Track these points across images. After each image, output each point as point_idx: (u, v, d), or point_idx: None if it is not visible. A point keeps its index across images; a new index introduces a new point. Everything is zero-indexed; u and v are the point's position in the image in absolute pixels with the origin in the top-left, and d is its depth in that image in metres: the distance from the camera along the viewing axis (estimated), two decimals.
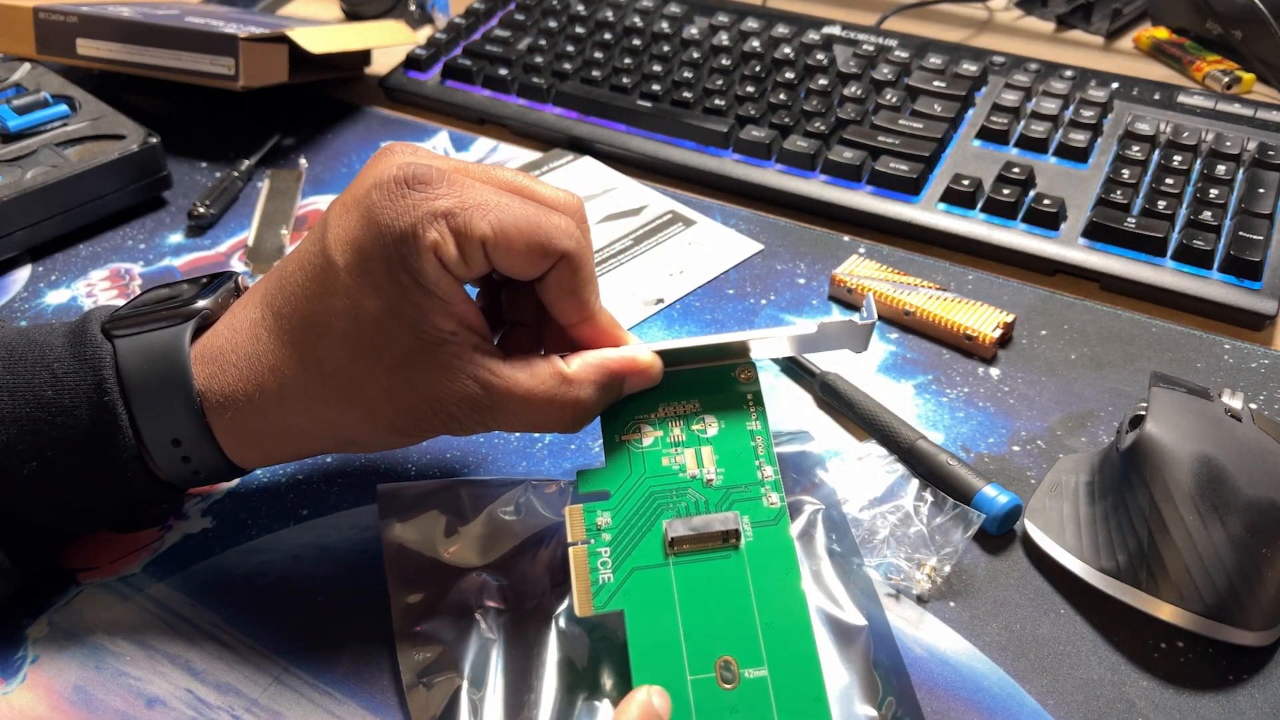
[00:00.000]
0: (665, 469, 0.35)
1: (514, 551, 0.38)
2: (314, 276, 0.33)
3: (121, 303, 0.51)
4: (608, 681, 0.34)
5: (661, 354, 0.36)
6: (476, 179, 0.34)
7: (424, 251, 0.32)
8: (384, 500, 0.39)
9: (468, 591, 0.37)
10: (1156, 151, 0.58)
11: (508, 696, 0.34)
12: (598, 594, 0.32)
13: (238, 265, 0.55)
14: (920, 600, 0.38)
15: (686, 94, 0.63)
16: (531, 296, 0.36)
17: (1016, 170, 0.56)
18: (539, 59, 0.67)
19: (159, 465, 0.35)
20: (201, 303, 0.36)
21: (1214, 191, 0.54)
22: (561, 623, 0.35)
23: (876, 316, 0.37)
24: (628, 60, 0.66)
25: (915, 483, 0.41)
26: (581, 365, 0.35)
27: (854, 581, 0.36)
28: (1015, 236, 0.54)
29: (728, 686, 0.31)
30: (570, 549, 0.33)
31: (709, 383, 0.37)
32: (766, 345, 0.37)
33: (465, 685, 0.34)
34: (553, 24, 0.70)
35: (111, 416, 0.34)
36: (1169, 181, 0.55)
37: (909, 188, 0.56)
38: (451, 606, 0.36)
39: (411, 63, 0.69)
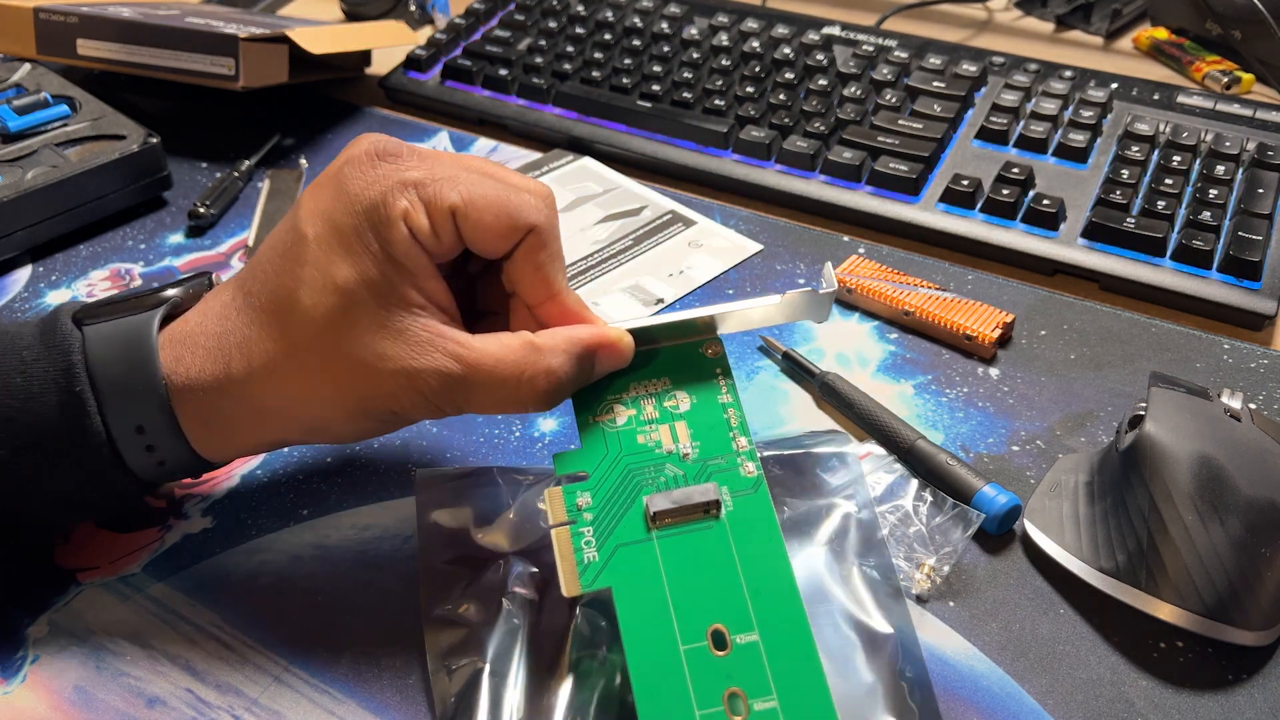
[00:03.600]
0: (641, 446, 0.35)
1: (545, 540, 0.38)
2: (284, 253, 0.34)
3: None
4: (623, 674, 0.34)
5: (629, 333, 0.36)
6: (446, 158, 0.34)
7: (394, 220, 0.32)
8: (421, 483, 0.40)
9: (497, 577, 0.37)
10: (1156, 152, 0.58)
11: (529, 683, 0.34)
12: (584, 572, 0.32)
13: (238, 265, 0.55)
14: (919, 600, 0.38)
15: (686, 94, 0.63)
16: (501, 285, 0.36)
17: (1016, 170, 0.56)
18: (539, 59, 0.67)
19: (124, 455, 0.35)
20: (171, 291, 0.36)
21: (1213, 192, 0.54)
22: (580, 615, 0.35)
23: (836, 284, 0.38)
24: (628, 60, 0.66)
25: (915, 483, 0.41)
26: (551, 336, 0.34)
27: (883, 590, 0.36)
28: (1015, 236, 0.54)
29: (721, 653, 0.31)
30: (553, 530, 0.33)
31: (677, 360, 0.37)
32: (731, 320, 0.38)
33: (487, 669, 0.34)
34: (553, 24, 0.70)
35: (79, 403, 0.33)
36: (1168, 182, 0.55)
37: (908, 188, 0.56)
38: (480, 591, 0.36)
39: (411, 63, 0.69)
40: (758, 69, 0.64)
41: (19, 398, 0.34)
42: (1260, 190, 0.54)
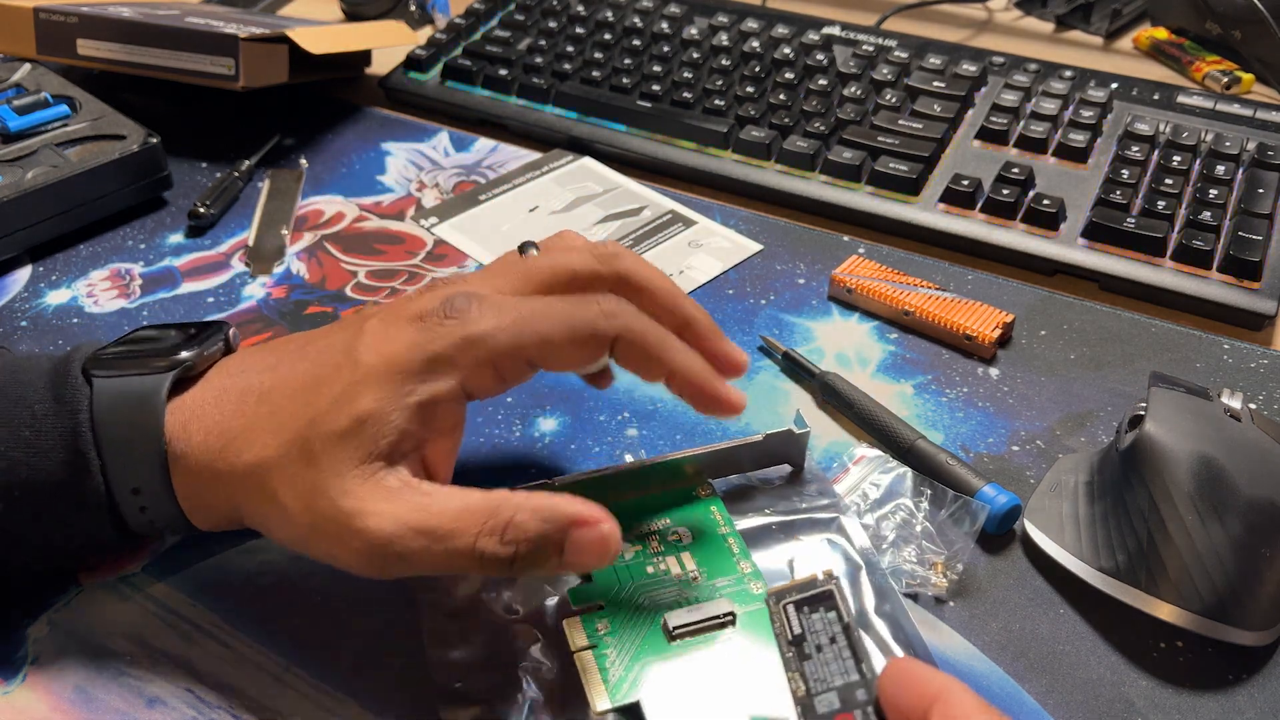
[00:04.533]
0: (651, 575, 0.37)
1: (557, 601, 0.37)
2: (330, 366, 0.34)
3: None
4: None
5: (620, 475, 0.38)
6: (512, 289, 0.35)
7: (446, 375, 0.33)
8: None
9: (510, 644, 0.36)
10: (1156, 152, 0.58)
11: None
12: (613, 689, 0.33)
13: (238, 265, 0.55)
14: (938, 601, 0.38)
15: (686, 94, 0.63)
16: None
17: (1016, 170, 0.56)
18: (539, 59, 0.67)
19: (122, 513, 0.35)
20: (185, 354, 0.36)
21: (1213, 192, 0.54)
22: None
23: (808, 427, 0.40)
24: (628, 60, 0.66)
25: (910, 478, 0.41)
26: (527, 496, 0.32)
27: (905, 631, 0.36)
28: (1015, 236, 0.54)
29: None
30: (576, 654, 0.34)
31: (673, 501, 0.39)
32: (714, 466, 0.40)
33: None
34: (553, 24, 0.70)
35: (84, 462, 0.33)
36: (1168, 182, 0.55)
37: (908, 188, 0.56)
38: (494, 661, 0.35)
39: (411, 63, 0.69)
40: (758, 69, 0.64)
41: (25, 451, 0.34)
42: (1260, 190, 0.54)
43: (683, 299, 0.37)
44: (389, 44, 0.69)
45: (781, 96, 0.62)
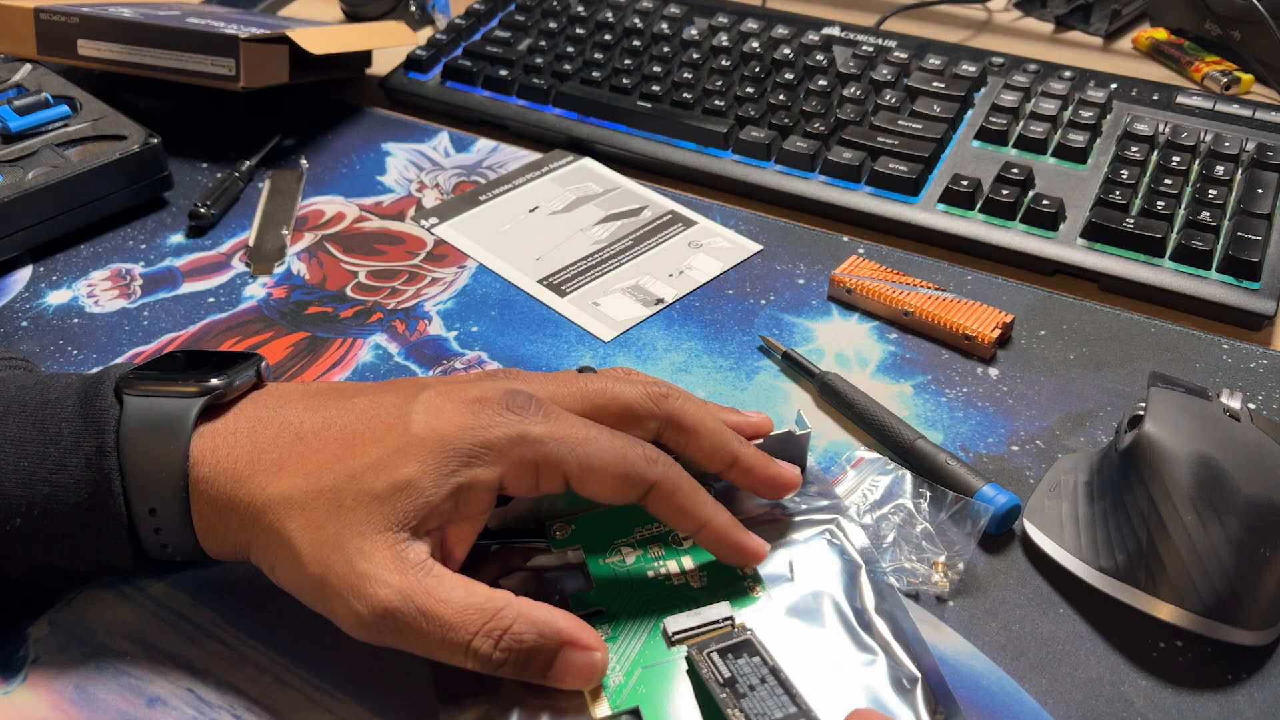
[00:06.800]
0: (652, 580, 0.37)
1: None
2: (381, 427, 0.34)
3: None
4: None
5: None
6: (568, 405, 0.35)
7: (491, 464, 0.33)
8: None
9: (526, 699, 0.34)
10: (1155, 152, 0.58)
11: None
12: (612, 696, 0.33)
13: (238, 265, 0.55)
14: (939, 600, 0.38)
15: (686, 95, 0.63)
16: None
17: (1015, 171, 0.56)
18: (539, 60, 0.67)
19: (139, 536, 0.35)
20: (217, 381, 0.36)
21: (1213, 192, 0.54)
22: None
23: (809, 427, 0.40)
24: (628, 61, 0.66)
25: (910, 479, 0.41)
26: (530, 604, 0.33)
27: (904, 630, 0.36)
28: (1014, 237, 0.54)
29: None
30: None
31: None
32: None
33: None
34: (553, 25, 0.70)
35: (106, 482, 0.34)
36: (1168, 182, 0.55)
37: (908, 188, 0.56)
38: (497, 693, 0.34)
39: (412, 63, 0.69)
40: (757, 69, 0.64)
41: (49, 468, 0.34)
42: (1259, 190, 0.54)
43: (729, 439, 0.37)
44: (389, 44, 0.69)
45: (781, 97, 0.62)
